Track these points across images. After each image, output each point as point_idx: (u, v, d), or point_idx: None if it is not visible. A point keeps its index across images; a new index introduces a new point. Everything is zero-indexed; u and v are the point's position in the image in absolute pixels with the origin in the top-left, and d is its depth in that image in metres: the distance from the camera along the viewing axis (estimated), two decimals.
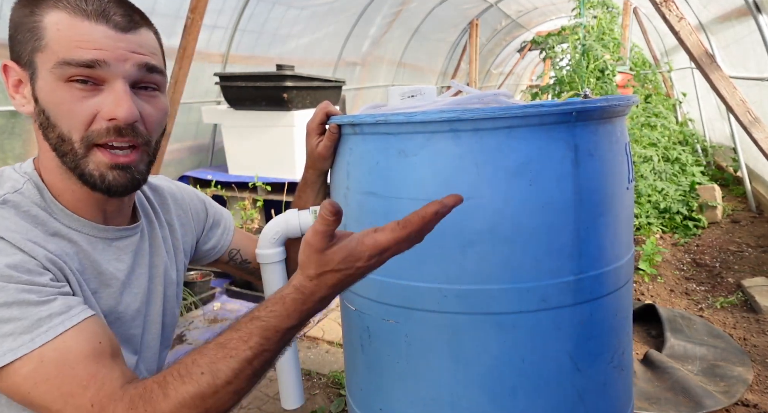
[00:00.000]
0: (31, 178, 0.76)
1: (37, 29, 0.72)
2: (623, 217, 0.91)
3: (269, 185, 3.46)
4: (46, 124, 0.73)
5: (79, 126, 0.73)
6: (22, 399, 0.63)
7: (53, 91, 0.72)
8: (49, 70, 0.71)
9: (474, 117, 0.79)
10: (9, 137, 2.80)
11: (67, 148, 0.74)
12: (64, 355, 0.63)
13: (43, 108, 0.73)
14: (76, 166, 0.74)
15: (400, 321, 0.90)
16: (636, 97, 0.93)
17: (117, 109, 0.72)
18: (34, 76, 0.73)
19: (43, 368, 0.62)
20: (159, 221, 0.96)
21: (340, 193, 0.96)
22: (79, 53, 0.71)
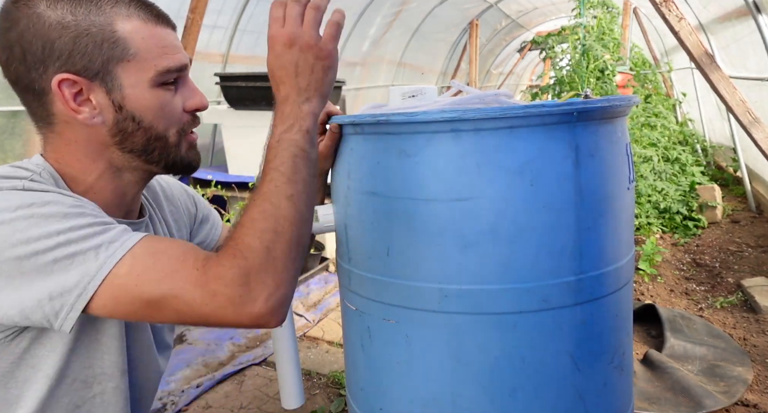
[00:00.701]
0: (45, 169, 0.78)
1: (115, 40, 0.73)
2: (624, 218, 0.91)
3: None
4: (134, 128, 0.77)
5: (176, 122, 0.81)
6: (128, 302, 0.65)
7: (151, 97, 0.77)
8: (149, 78, 0.76)
9: (475, 117, 0.79)
10: (9, 137, 2.80)
11: (159, 144, 0.80)
12: (152, 247, 0.68)
13: (133, 114, 0.76)
14: (168, 157, 0.82)
15: (400, 321, 0.90)
16: (637, 98, 0.93)
17: (201, 100, 0.84)
18: (113, 86, 0.75)
19: (139, 261, 0.66)
20: (157, 217, 0.97)
21: (341, 193, 0.96)
22: (174, 59, 0.78)
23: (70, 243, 0.64)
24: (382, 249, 0.88)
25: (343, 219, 0.96)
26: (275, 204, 0.70)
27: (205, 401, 2.09)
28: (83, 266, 0.64)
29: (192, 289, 0.65)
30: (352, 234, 0.94)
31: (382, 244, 0.88)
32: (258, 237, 0.68)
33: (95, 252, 0.65)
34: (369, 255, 0.91)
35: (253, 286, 0.65)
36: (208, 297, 0.65)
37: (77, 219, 0.66)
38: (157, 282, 0.65)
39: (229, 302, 0.65)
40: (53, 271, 0.64)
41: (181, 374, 2.24)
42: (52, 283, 0.64)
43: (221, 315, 0.65)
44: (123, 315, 0.68)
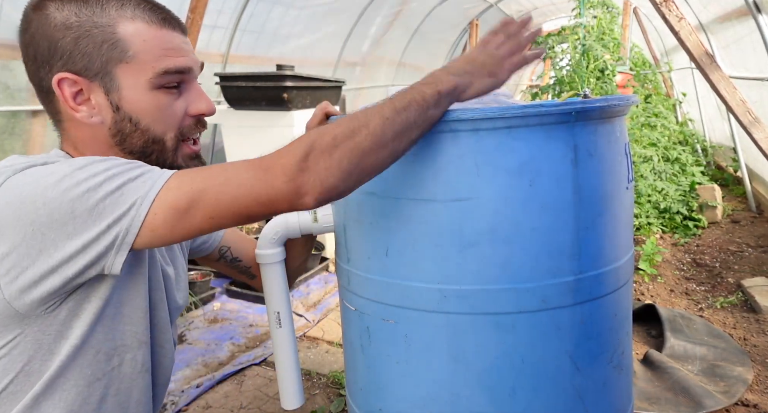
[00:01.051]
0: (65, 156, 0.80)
1: (115, 41, 0.75)
2: (623, 217, 0.91)
3: None
4: (131, 130, 0.78)
5: (174, 126, 0.81)
6: (188, 201, 0.67)
7: (149, 99, 0.77)
8: (147, 80, 0.76)
9: (473, 117, 0.79)
10: (9, 137, 2.81)
11: (157, 148, 0.80)
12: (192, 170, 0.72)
13: (131, 115, 0.78)
14: (165, 161, 0.82)
15: (399, 321, 0.90)
16: (636, 97, 0.93)
17: (207, 105, 0.84)
18: (111, 87, 0.76)
19: (186, 174, 0.70)
20: None
21: None
22: (175, 61, 0.78)
23: (113, 177, 0.67)
24: (381, 249, 0.88)
25: (342, 219, 0.96)
26: (368, 116, 0.71)
27: (205, 401, 2.09)
28: (133, 192, 0.67)
29: (244, 171, 0.69)
30: (351, 235, 0.94)
31: (381, 245, 0.88)
32: (334, 127, 0.70)
33: (142, 179, 0.68)
34: (368, 255, 0.91)
35: (309, 160, 0.68)
36: (262, 171, 0.68)
37: (113, 161, 0.70)
38: (208, 178, 0.69)
39: (282, 171, 0.67)
40: (107, 205, 0.66)
41: (181, 374, 2.24)
42: (108, 216, 0.66)
43: (272, 185, 0.68)
44: (181, 224, 0.68)
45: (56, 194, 0.65)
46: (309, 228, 1.02)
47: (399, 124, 0.72)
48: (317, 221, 1.01)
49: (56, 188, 0.66)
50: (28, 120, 2.81)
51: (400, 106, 0.72)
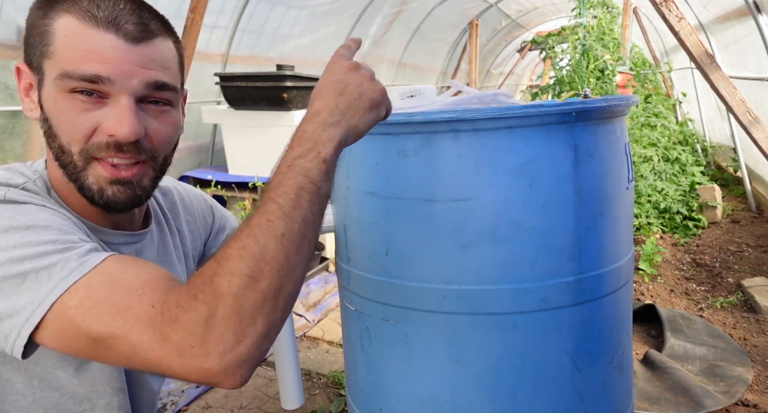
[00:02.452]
0: (41, 177, 0.75)
1: (46, 34, 0.69)
2: (623, 217, 0.91)
3: None
4: (49, 132, 0.71)
5: (79, 138, 0.69)
6: (77, 335, 0.56)
7: (56, 100, 0.69)
8: (53, 80, 0.69)
9: (474, 117, 0.79)
10: (9, 137, 2.80)
11: (67, 160, 0.71)
12: (111, 275, 0.58)
13: (47, 116, 0.71)
14: (75, 179, 0.71)
15: (399, 321, 0.90)
16: (636, 97, 0.93)
17: (118, 127, 0.69)
18: (41, 82, 0.71)
19: (92, 292, 0.56)
20: (170, 228, 0.92)
21: (340, 194, 0.96)
22: (83, 66, 0.68)
23: (23, 260, 0.58)
24: (381, 249, 0.88)
25: (342, 219, 0.96)
26: (260, 242, 0.56)
27: (205, 401, 2.09)
28: (35, 286, 0.57)
29: (142, 330, 0.54)
30: (351, 235, 0.94)
31: (381, 245, 0.88)
32: (228, 280, 0.54)
33: (48, 272, 0.57)
34: (368, 255, 0.91)
35: (209, 337, 0.53)
36: (157, 341, 0.53)
37: (39, 234, 0.60)
38: (106, 318, 0.55)
39: (178, 351, 0.53)
40: (4, 289, 0.57)
41: None
42: (2, 303, 0.57)
43: (167, 364, 0.54)
44: (69, 350, 0.58)
45: None
46: None
47: (298, 232, 0.59)
48: None
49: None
50: (28, 120, 2.80)
51: (290, 206, 0.59)
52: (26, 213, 0.64)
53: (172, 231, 0.93)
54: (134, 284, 0.57)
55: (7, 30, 2.57)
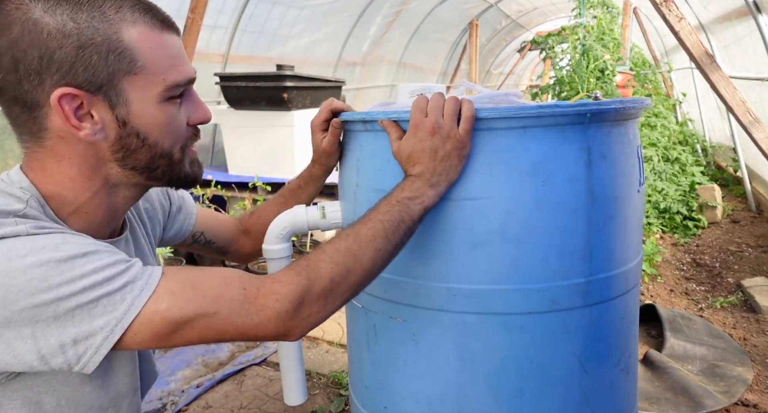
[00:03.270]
0: (32, 195, 0.71)
1: (122, 50, 0.67)
2: (634, 220, 0.91)
3: (269, 185, 3.46)
4: (137, 146, 0.72)
5: (181, 137, 0.77)
6: (174, 328, 0.65)
7: (158, 112, 0.72)
8: (157, 94, 0.71)
9: (488, 116, 0.79)
10: (9, 137, 2.80)
11: (164, 162, 0.75)
12: (185, 280, 0.67)
13: (138, 130, 0.71)
14: (172, 173, 0.78)
15: (407, 319, 0.90)
16: (649, 101, 0.92)
17: (205, 114, 0.80)
18: (118, 101, 0.69)
19: (178, 296, 0.65)
20: (137, 220, 0.94)
21: (349, 190, 0.96)
22: (184, 72, 0.73)
23: (94, 287, 0.62)
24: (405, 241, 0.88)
25: (351, 216, 0.96)
26: (362, 248, 0.73)
27: (205, 401, 2.09)
28: (109, 309, 0.62)
29: (238, 307, 0.66)
30: None
31: None
32: (331, 267, 0.71)
33: (121, 294, 0.63)
34: None
35: (304, 307, 0.68)
36: (255, 311, 0.67)
37: (97, 260, 0.63)
38: (201, 308, 0.65)
39: (276, 314, 0.67)
40: (76, 316, 0.61)
41: (181, 374, 2.24)
42: (75, 328, 0.61)
43: (264, 328, 0.68)
44: (159, 345, 0.66)
45: (20, 295, 0.59)
46: (317, 224, 1.01)
47: (388, 252, 0.76)
48: (325, 217, 1.00)
49: (21, 288, 0.59)
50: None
51: (391, 231, 0.75)
52: (66, 242, 0.64)
53: (139, 222, 0.94)
54: (213, 281, 0.67)
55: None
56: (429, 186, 0.79)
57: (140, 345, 0.65)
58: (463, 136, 0.80)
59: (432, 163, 0.79)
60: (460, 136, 0.80)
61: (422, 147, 0.80)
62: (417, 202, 0.78)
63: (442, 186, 0.80)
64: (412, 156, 0.81)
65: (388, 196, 0.79)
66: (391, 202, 0.78)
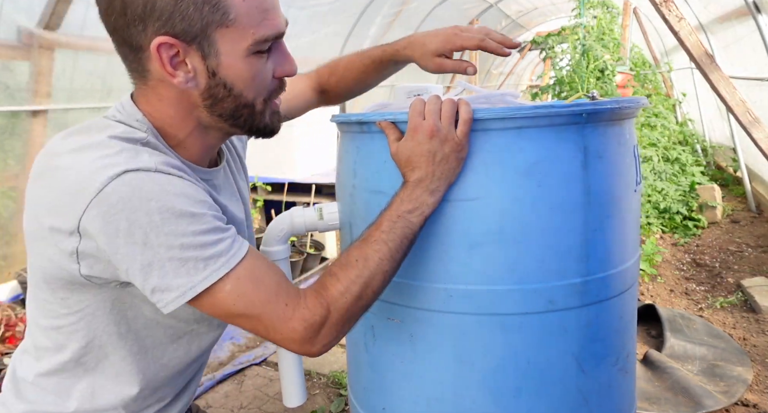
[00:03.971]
0: (148, 126, 0.78)
1: (216, 2, 0.70)
2: (630, 220, 0.91)
3: (269, 185, 3.46)
4: (224, 95, 0.76)
5: (263, 91, 0.79)
6: (221, 312, 0.73)
7: (245, 65, 0.74)
8: (245, 48, 0.73)
9: (483, 117, 0.79)
10: (9, 137, 2.80)
11: (247, 112, 0.79)
12: (252, 272, 0.74)
13: (225, 81, 0.75)
14: (253, 123, 0.81)
15: (405, 320, 0.90)
16: (645, 100, 0.92)
17: (292, 67, 0.81)
18: (209, 51, 0.72)
19: (241, 284, 0.72)
20: (231, 156, 0.98)
21: (346, 191, 0.96)
22: (270, 28, 0.74)
23: (190, 248, 0.69)
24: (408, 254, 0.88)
25: (348, 217, 0.96)
26: (372, 273, 0.77)
27: (205, 401, 2.09)
28: (192, 272, 0.69)
29: (277, 321, 0.74)
30: (356, 234, 0.94)
31: None
32: (345, 298, 0.76)
33: (204, 263, 0.70)
34: None
35: (323, 334, 0.75)
36: (287, 330, 0.74)
37: (203, 222, 0.70)
38: (251, 306, 0.72)
39: (300, 338, 0.74)
40: (164, 267, 0.69)
41: None
42: (159, 279, 0.69)
43: (286, 344, 0.76)
44: (209, 314, 0.75)
45: (142, 223, 0.67)
46: (315, 225, 1.02)
47: (394, 270, 0.80)
48: (323, 219, 1.01)
49: (145, 220, 0.67)
50: (28, 120, 2.80)
51: (395, 250, 0.79)
52: (184, 195, 0.71)
53: (234, 158, 0.99)
54: (271, 283, 0.75)
55: (8, 30, 2.56)
56: (428, 193, 0.81)
57: (199, 308, 0.73)
58: (461, 138, 0.81)
59: (431, 166, 0.80)
60: (458, 139, 0.80)
61: (421, 150, 0.81)
62: (417, 213, 0.80)
63: (441, 191, 0.82)
64: (411, 159, 0.82)
65: (389, 209, 0.81)
66: (392, 218, 0.80)
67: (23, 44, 2.61)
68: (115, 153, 0.70)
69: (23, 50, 2.64)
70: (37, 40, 2.64)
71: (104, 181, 0.67)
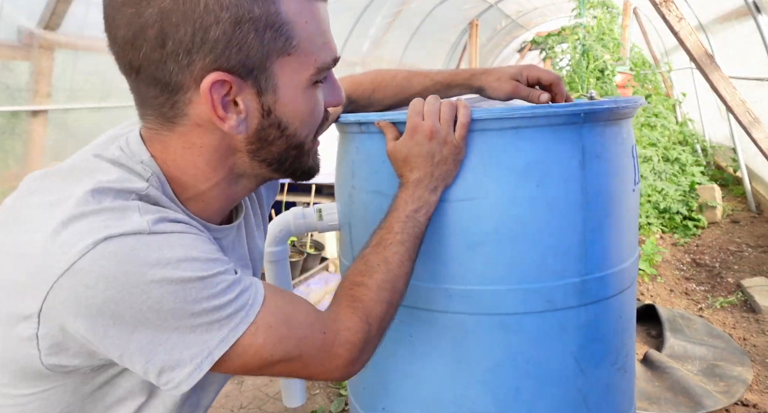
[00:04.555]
0: (154, 173, 0.63)
1: (279, 26, 0.57)
2: (629, 219, 0.91)
3: None
4: (276, 136, 0.63)
5: (316, 126, 0.68)
6: (256, 367, 0.62)
7: (305, 99, 0.63)
8: (308, 77, 0.61)
9: (481, 117, 0.79)
10: (9, 137, 2.80)
11: (294, 153, 0.67)
12: (281, 313, 0.63)
13: (280, 120, 0.62)
14: (299, 165, 0.69)
15: (404, 320, 0.90)
16: (643, 99, 0.93)
17: (340, 96, 0.70)
18: (266, 87, 0.60)
19: (274, 331, 0.61)
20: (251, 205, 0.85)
21: (345, 192, 0.96)
22: (330, 53, 0.63)
23: (199, 316, 0.56)
24: None
25: (347, 218, 0.96)
26: (396, 277, 0.74)
27: None
28: (204, 338, 0.57)
29: (317, 354, 0.65)
30: (356, 234, 0.94)
31: None
32: (380, 306, 0.71)
33: (219, 324, 0.57)
34: None
35: (366, 350, 0.69)
36: (331, 359, 0.66)
37: (213, 285, 0.57)
38: (290, 350, 0.63)
39: (345, 363, 0.67)
40: (170, 340, 0.56)
41: None
42: (166, 355, 0.56)
43: (330, 374, 0.67)
44: (242, 373, 0.63)
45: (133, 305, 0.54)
46: (314, 226, 1.02)
47: (412, 270, 0.78)
48: (322, 219, 1.01)
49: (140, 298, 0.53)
50: (28, 120, 2.80)
51: (412, 250, 0.77)
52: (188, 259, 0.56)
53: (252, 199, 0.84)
54: (302, 318, 0.65)
55: (8, 30, 2.57)
56: (430, 191, 0.80)
57: (228, 370, 0.61)
58: (459, 141, 0.80)
59: (430, 167, 0.79)
60: (456, 142, 0.80)
61: (419, 151, 0.79)
62: (422, 212, 0.79)
63: (440, 190, 0.81)
64: (409, 159, 0.80)
65: (396, 212, 0.79)
66: (401, 219, 0.78)
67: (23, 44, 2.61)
68: (93, 212, 0.54)
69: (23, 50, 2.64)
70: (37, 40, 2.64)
71: (76, 253, 0.51)
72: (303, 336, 0.63)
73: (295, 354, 0.63)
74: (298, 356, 0.63)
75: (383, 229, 0.78)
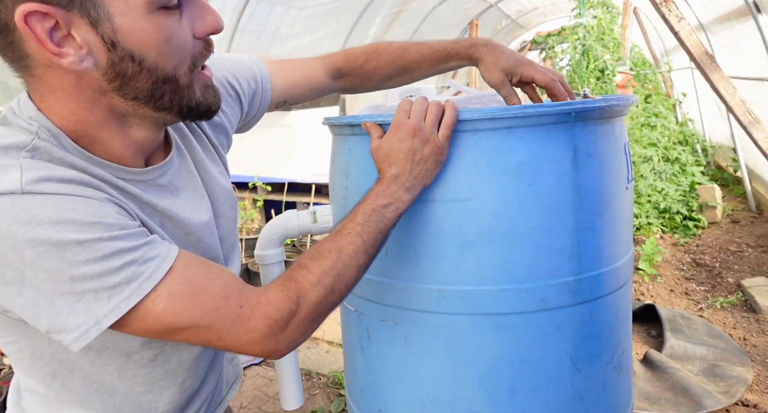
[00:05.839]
0: (42, 125, 0.62)
1: None
2: (622, 217, 0.91)
3: (269, 185, 3.47)
4: (135, 70, 0.60)
5: (186, 56, 0.63)
6: (159, 332, 0.62)
7: (150, 26, 0.59)
8: (142, 4, 0.57)
9: (473, 117, 0.79)
10: None
11: (169, 88, 0.64)
12: (190, 282, 0.63)
13: (132, 51, 0.59)
14: (181, 102, 0.66)
15: (399, 322, 0.90)
16: (635, 97, 0.93)
17: (215, 21, 0.64)
18: (98, 15, 0.56)
19: (177, 300, 0.61)
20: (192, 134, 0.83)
21: (339, 194, 0.96)
22: None
23: (80, 281, 0.57)
24: (381, 250, 0.88)
25: (340, 220, 0.96)
26: (346, 266, 0.71)
27: None
28: (92, 307, 0.58)
29: (231, 325, 0.64)
30: None
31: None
32: (317, 290, 0.69)
33: (108, 293, 0.58)
34: None
35: (290, 330, 0.67)
36: (245, 332, 0.64)
37: (92, 250, 0.57)
38: (195, 319, 0.62)
39: (262, 338, 0.65)
40: (54, 306, 0.57)
41: None
42: (50, 321, 0.58)
43: (247, 348, 0.66)
44: (145, 336, 0.64)
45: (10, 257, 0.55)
46: (308, 228, 1.02)
47: (367, 264, 0.75)
48: (316, 222, 1.01)
49: (16, 256, 0.55)
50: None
51: (370, 244, 0.74)
52: (65, 221, 0.56)
53: (197, 136, 0.83)
54: (216, 290, 0.64)
55: None
56: (404, 190, 0.78)
57: (131, 333, 0.62)
58: (442, 142, 0.80)
59: (409, 164, 0.79)
60: (439, 142, 0.79)
61: (400, 147, 0.79)
62: (392, 209, 0.77)
63: (416, 190, 0.80)
64: (390, 155, 0.80)
65: (364, 203, 0.77)
66: (366, 211, 0.76)
67: None
68: None
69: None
70: None
71: None
72: (214, 307, 0.63)
73: (203, 323, 0.62)
74: (208, 326, 0.63)
75: (346, 218, 0.76)
